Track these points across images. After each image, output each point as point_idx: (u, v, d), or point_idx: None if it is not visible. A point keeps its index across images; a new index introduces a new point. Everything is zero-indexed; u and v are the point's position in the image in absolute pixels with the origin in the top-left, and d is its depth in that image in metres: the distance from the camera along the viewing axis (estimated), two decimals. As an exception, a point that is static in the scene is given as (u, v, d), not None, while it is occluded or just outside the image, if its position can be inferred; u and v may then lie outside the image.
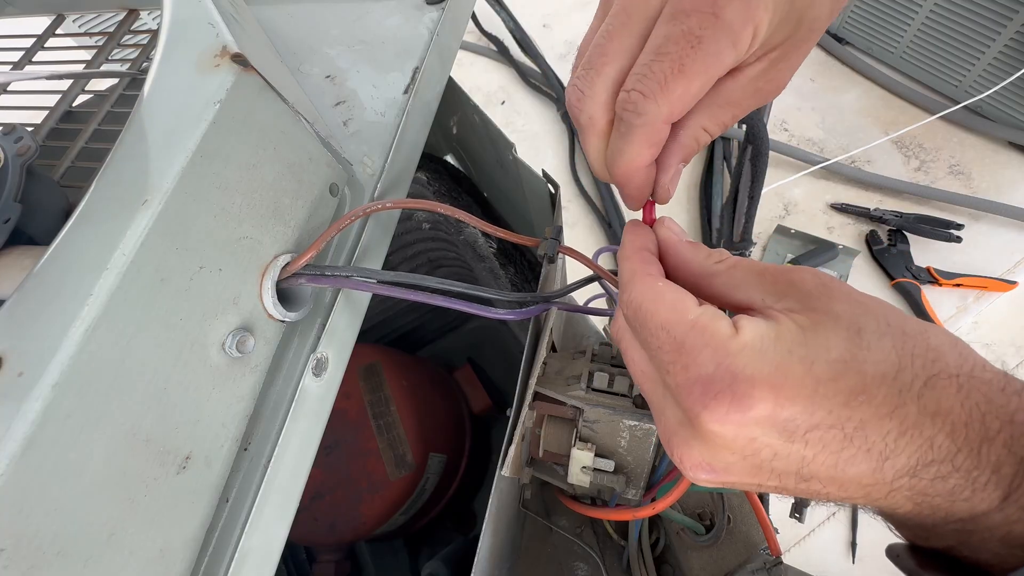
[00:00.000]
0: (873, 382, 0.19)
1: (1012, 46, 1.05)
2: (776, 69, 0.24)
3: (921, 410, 0.19)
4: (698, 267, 0.25)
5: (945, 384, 0.19)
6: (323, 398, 0.32)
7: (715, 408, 0.20)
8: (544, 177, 0.49)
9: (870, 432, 0.19)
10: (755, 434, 0.20)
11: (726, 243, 1.08)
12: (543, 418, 0.37)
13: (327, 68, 0.43)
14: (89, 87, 0.41)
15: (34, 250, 0.28)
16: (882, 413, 0.19)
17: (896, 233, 1.10)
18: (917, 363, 0.19)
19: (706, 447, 0.21)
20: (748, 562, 0.45)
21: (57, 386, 0.20)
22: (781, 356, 0.20)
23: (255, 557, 0.28)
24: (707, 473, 0.22)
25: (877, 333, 0.20)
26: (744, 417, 0.19)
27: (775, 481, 0.21)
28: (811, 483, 0.20)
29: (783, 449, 0.20)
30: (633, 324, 0.24)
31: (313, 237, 0.31)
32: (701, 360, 0.20)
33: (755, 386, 0.19)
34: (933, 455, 0.18)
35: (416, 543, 0.91)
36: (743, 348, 0.20)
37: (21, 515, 0.19)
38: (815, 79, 1.34)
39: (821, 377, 0.19)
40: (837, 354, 0.19)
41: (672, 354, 0.21)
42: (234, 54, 0.26)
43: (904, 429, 0.19)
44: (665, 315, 0.22)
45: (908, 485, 0.19)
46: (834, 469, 0.19)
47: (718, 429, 0.20)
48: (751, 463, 0.21)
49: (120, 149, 0.25)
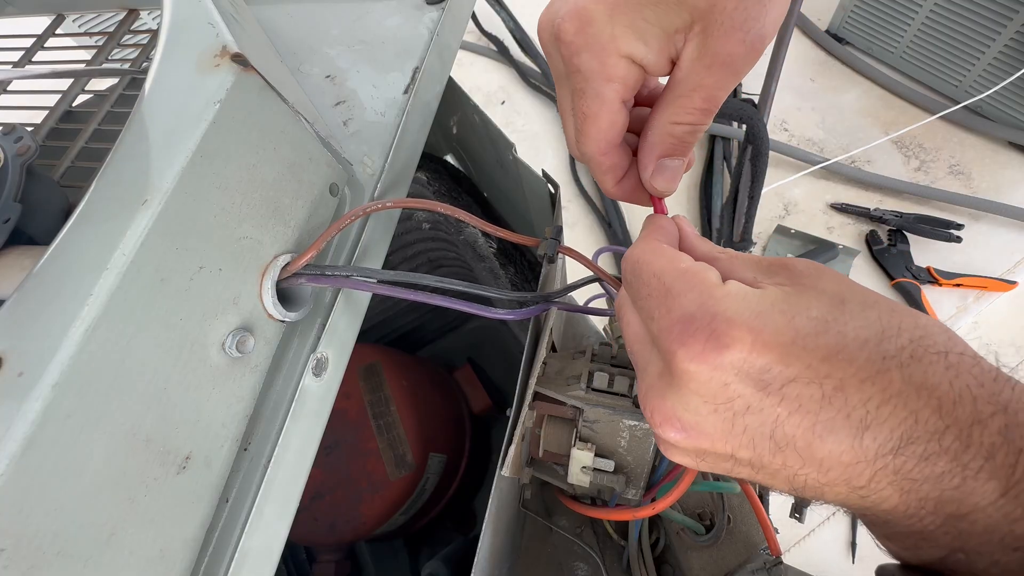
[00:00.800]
0: (854, 343, 0.18)
1: (1012, 46, 1.05)
2: (711, 39, 0.23)
3: (905, 379, 0.18)
4: (703, 254, 0.26)
5: (933, 359, 0.18)
6: (323, 398, 0.32)
7: (691, 345, 0.19)
8: (544, 177, 0.49)
9: (850, 394, 0.18)
10: (728, 379, 0.19)
11: (726, 243, 1.08)
12: (543, 418, 0.37)
13: (327, 68, 0.43)
14: (89, 87, 0.41)
15: (34, 250, 0.28)
16: (862, 376, 0.18)
17: (896, 233, 1.10)
18: (904, 335, 0.18)
19: (678, 395, 0.20)
20: (748, 562, 0.45)
21: (57, 386, 0.20)
22: (763, 306, 0.19)
23: (255, 557, 0.28)
24: (677, 430, 0.21)
25: (862, 304, 0.19)
26: (719, 358, 0.19)
27: (748, 449, 0.20)
28: (787, 454, 0.19)
29: (757, 401, 0.19)
30: (630, 279, 0.24)
31: (313, 237, 0.31)
32: (685, 302, 0.21)
33: (733, 326, 0.19)
34: (918, 431, 0.17)
35: (416, 543, 0.91)
36: (727, 294, 0.20)
37: (21, 515, 0.19)
38: (815, 79, 1.34)
39: (801, 330, 0.19)
40: (818, 313, 0.19)
41: (659, 299, 0.22)
42: (234, 54, 0.26)
43: (887, 397, 0.18)
44: (659, 264, 0.23)
45: (892, 467, 0.18)
46: (811, 433, 0.18)
47: (692, 368, 0.19)
48: (722, 417, 0.20)
49: (120, 149, 0.25)
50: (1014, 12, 1.01)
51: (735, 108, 0.92)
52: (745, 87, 1.30)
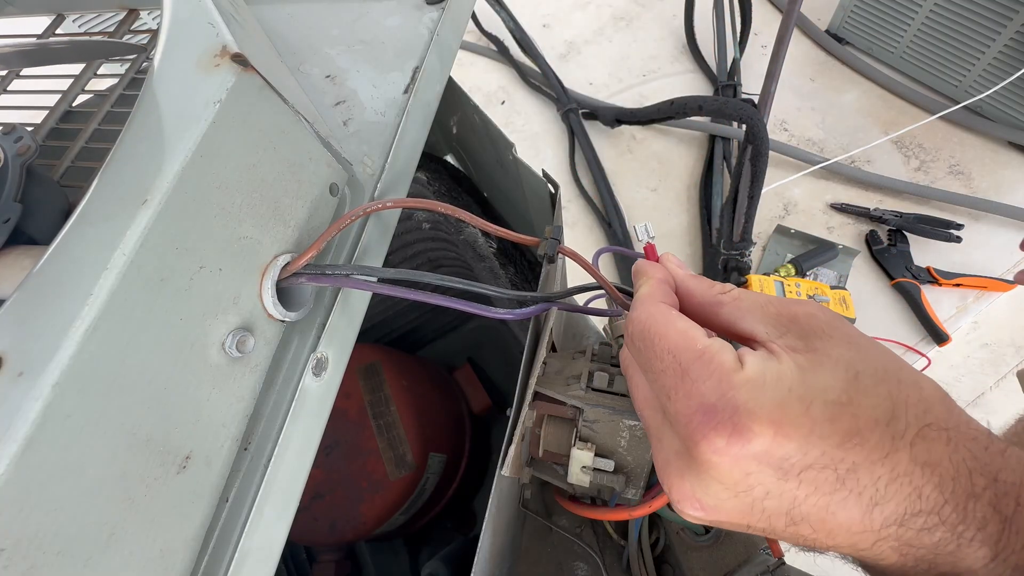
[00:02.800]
0: (867, 426, 0.19)
1: (1012, 46, 1.05)
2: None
3: (912, 459, 0.19)
4: (702, 297, 0.26)
5: (936, 436, 0.19)
6: (323, 398, 0.32)
7: (714, 438, 0.20)
8: (544, 177, 0.49)
9: (862, 475, 0.19)
10: (750, 469, 0.20)
11: (726, 242, 1.08)
12: (543, 418, 0.37)
13: (327, 68, 0.43)
14: (89, 87, 0.41)
15: (34, 250, 0.28)
16: (874, 458, 0.19)
17: (896, 233, 1.10)
18: (911, 412, 0.19)
19: (699, 479, 0.21)
20: (748, 562, 0.45)
21: (57, 386, 0.20)
22: (782, 394, 0.20)
23: (255, 557, 0.28)
24: (696, 509, 0.22)
25: (874, 379, 0.20)
26: (742, 450, 0.20)
27: (764, 523, 0.21)
28: (800, 527, 0.20)
29: (776, 487, 0.20)
30: (638, 343, 0.24)
31: (313, 237, 0.31)
32: (704, 389, 0.21)
33: (755, 420, 0.19)
34: (921, 505, 0.19)
35: (416, 543, 0.91)
36: (746, 382, 0.20)
37: (21, 515, 0.19)
38: (815, 79, 1.34)
39: (818, 417, 0.19)
40: (834, 396, 0.20)
41: (676, 379, 0.22)
42: (234, 54, 0.26)
43: (895, 476, 0.19)
44: (674, 339, 0.23)
45: (895, 535, 0.19)
46: (825, 511, 0.20)
47: (715, 460, 0.20)
48: (742, 501, 0.21)
49: (120, 149, 0.25)
50: (1014, 12, 1.01)
51: (735, 108, 0.92)
52: (745, 87, 1.30)
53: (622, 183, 1.24)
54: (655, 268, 0.28)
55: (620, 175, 1.25)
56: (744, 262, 1.07)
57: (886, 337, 1.01)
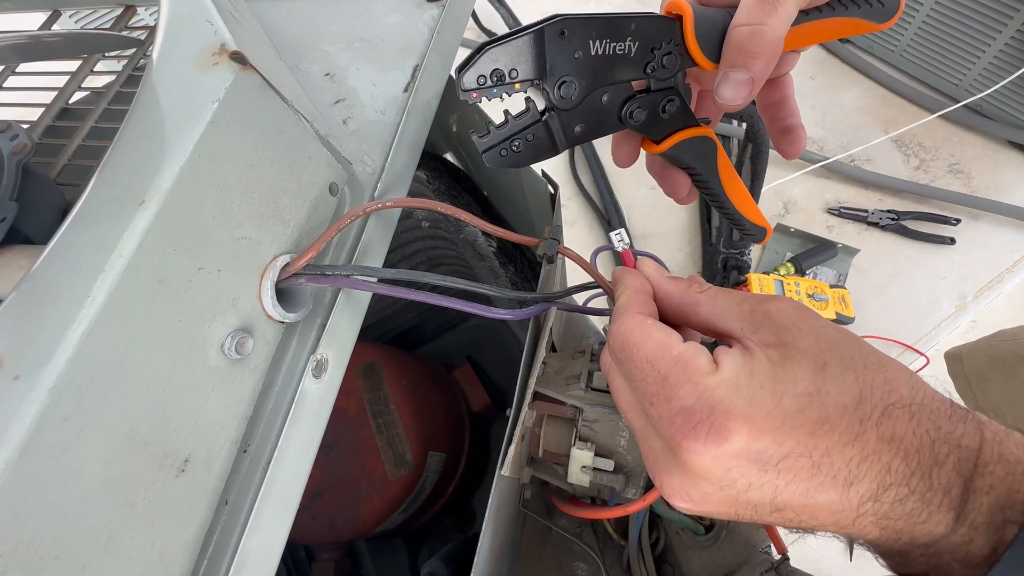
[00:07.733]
0: (836, 412, 0.21)
1: (1012, 45, 1.05)
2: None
3: (879, 437, 0.20)
4: (680, 298, 0.27)
5: (899, 413, 0.20)
6: (323, 400, 0.32)
7: (694, 439, 0.21)
8: (543, 177, 0.49)
9: (835, 459, 0.20)
10: (731, 464, 0.21)
11: (725, 241, 1.08)
12: (543, 418, 0.37)
13: (326, 66, 0.42)
14: (86, 84, 0.40)
15: (30, 250, 0.27)
16: (845, 441, 0.20)
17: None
18: (876, 395, 0.21)
19: (686, 476, 0.22)
20: (748, 562, 0.45)
21: (54, 389, 0.20)
22: (754, 390, 0.21)
23: (255, 559, 0.28)
24: (685, 502, 0.23)
25: (841, 367, 0.22)
26: (720, 449, 0.21)
27: (750, 511, 0.22)
28: (784, 512, 0.22)
29: (757, 479, 0.21)
30: (619, 355, 0.25)
31: (313, 237, 0.31)
32: (682, 393, 0.22)
33: (731, 418, 0.21)
34: (891, 479, 0.20)
35: (415, 541, 0.91)
36: (721, 383, 0.22)
37: (18, 520, 0.19)
38: (815, 77, 1.34)
39: (789, 409, 0.21)
40: (803, 387, 0.21)
41: (656, 386, 0.23)
42: (232, 52, 0.26)
43: (865, 455, 0.20)
44: (651, 349, 0.24)
45: (872, 510, 0.20)
46: (805, 496, 0.21)
47: (697, 459, 0.21)
48: (727, 494, 0.22)
49: (117, 147, 0.25)
50: (1014, 12, 1.01)
51: (735, 106, 0.91)
52: (745, 85, 1.29)
53: (622, 181, 1.24)
54: (632, 276, 0.29)
55: (620, 173, 1.25)
56: (744, 260, 1.07)
57: (885, 336, 1.01)
